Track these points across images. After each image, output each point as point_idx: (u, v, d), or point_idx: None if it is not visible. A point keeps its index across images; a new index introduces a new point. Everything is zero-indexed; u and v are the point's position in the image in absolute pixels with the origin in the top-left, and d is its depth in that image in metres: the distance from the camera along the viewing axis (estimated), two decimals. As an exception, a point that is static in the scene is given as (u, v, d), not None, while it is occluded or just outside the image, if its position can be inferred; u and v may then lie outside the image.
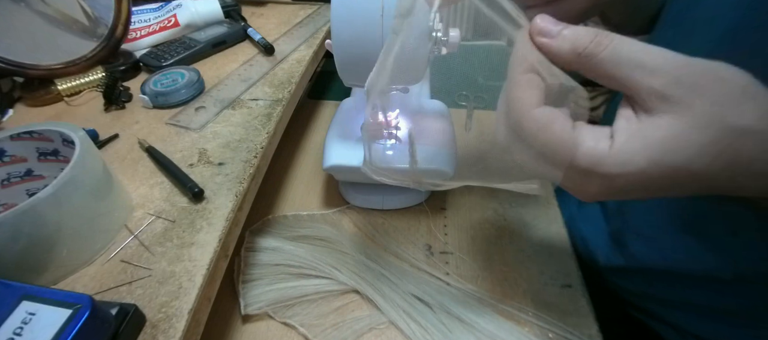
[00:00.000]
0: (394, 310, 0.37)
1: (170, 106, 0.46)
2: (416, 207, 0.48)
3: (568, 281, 0.39)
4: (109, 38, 0.52)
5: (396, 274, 0.39)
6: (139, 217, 0.34)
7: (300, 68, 0.52)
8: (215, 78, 0.51)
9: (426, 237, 0.44)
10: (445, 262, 0.42)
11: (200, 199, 0.34)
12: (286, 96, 0.47)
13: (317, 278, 0.40)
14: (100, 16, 0.51)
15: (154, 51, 0.55)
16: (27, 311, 0.23)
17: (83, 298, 0.23)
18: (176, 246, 0.31)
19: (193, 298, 0.28)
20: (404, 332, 0.35)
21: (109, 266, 0.30)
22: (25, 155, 0.34)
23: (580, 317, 0.37)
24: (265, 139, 0.41)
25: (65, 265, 0.29)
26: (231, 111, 0.45)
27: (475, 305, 0.37)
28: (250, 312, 0.37)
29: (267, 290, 0.38)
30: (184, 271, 0.29)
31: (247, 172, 0.37)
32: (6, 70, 0.46)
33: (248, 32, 0.59)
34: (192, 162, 0.38)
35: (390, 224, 0.46)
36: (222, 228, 0.32)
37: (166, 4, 0.61)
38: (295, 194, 0.50)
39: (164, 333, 0.26)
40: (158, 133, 0.43)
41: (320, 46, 0.58)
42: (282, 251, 0.42)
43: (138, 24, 0.59)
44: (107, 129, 0.43)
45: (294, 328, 0.36)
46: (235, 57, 0.56)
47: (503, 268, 0.41)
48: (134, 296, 0.28)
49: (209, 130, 0.43)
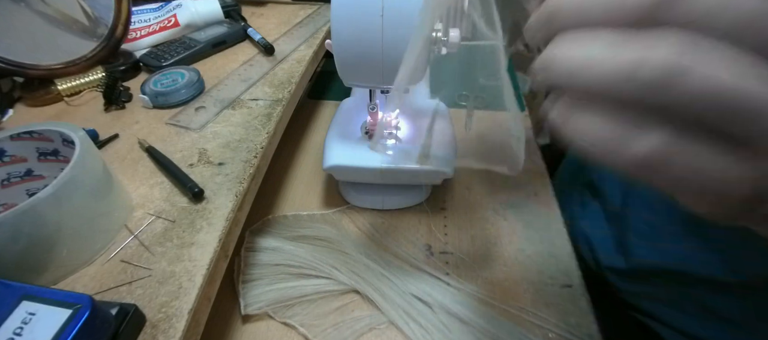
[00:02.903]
0: (394, 310, 0.37)
1: (170, 106, 0.46)
2: (416, 207, 0.48)
3: (568, 281, 0.39)
4: (109, 38, 0.52)
5: (396, 274, 0.39)
6: (139, 217, 0.34)
7: (300, 68, 0.52)
8: (215, 78, 0.51)
9: (426, 237, 0.44)
10: (445, 262, 0.42)
11: (200, 199, 0.34)
12: (286, 96, 0.47)
13: (317, 278, 0.40)
14: (100, 16, 0.51)
15: (154, 51, 0.55)
16: (27, 311, 0.23)
17: (83, 298, 0.23)
18: (176, 246, 0.31)
19: (193, 298, 0.28)
20: (404, 332, 0.35)
21: (109, 266, 0.30)
22: (25, 155, 0.34)
23: (580, 317, 0.37)
24: (265, 139, 0.41)
25: (65, 265, 0.29)
26: (231, 111, 0.45)
27: (475, 305, 0.37)
28: (250, 312, 0.37)
29: (267, 290, 0.38)
30: (184, 271, 0.29)
31: (247, 172, 0.37)
32: (6, 70, 0.46)
33: (248, 32, 0.59)
34: (192, 162, 0.38)
35: (390, 224, 0.46)
36: (222, 228, 0.32)
37: (166, 4, 0.61)
38: (295, 194, 0.50)
39: (164, 333, 0.26)
40: (158, 133, 0.43)
41: (320, 46, 0.58)
42: (282, 251, 0.42)
43: (138, 24, 0.59)
44: (107, 129, 0.43)
45: (294, 328, 0.36)
46: (235, 57, 0.56)
47: (503, 268, 0.41)
48: (134, 296, 0.28)
49: (209, 130, 0.43)
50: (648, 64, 0.11)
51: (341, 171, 0.44)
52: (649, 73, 0.11)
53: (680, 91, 0.11)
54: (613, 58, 0.12)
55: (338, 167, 0.42)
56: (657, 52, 0.11)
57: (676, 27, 0.12)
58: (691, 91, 0.11)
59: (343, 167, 0.42)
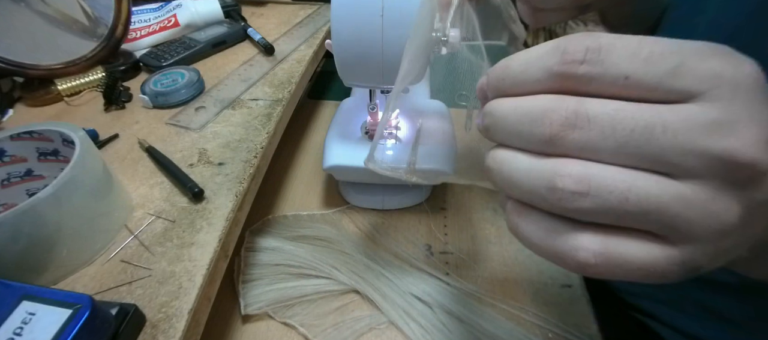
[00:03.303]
0: (394, 310, 0.37)
1: (170, 106, 0.46)
2: (416, 207, 0.48)
3: (568, 281, 0.39)
4: (109, 38, 0.52)
5: (396, 274, 0.39)
6: (139, 217, 0.34)
7: (300, 68, 0.52)
8: (215, 78, 0.51)
9: (426, 237, 0.44)
10: (445, 262, 0.42)
11: (200, 199, 0.34)
12: (286, 96, 0.47)
13: (317, 278, 0.40)
14: (100, 16, 0.51)
15: (154, 51, 0.55)
16: (27, 311, 0.23)
17: (83, 298, 0.23)
18: (176, 246, 0.31)
19: (193, 298, 0.28)
20: (404, 332, 0.35)
21: (109, 266, 0.30)
22: (25, 155, 0.34)
23: (580, 317, 0.37)
24: (265, 139, 0.41)
25: (65, 265, 0.29)
26: (231, 111, 0.45)
27: (475, 305, 0.37)
28: (250, 312, 0.37)
29: (267, 290, 0.38)
30: (184, 271, 0.29)
31: (247, 172, 0.37)
32: (6, 70, 0.46)
33: (248, 32, 0.59)
34: (192, 162, 0.38)
35: (390, 224, 0.46)
36: (222, 228, 0.32)
37: (166, 4, 0.61)
38: (295, 194, 0.50)
39: (164, 333, 0.26)
40: (158, 133, 0.43)
41: (320, 46, 0.58)
42: (282, 251, 0.42)
43: (138, 24, 0.59)
44: (107, 129, 0.43)
45: (294, 328, 0.36)
46: (235, 57, 0.56)
47: (503, 268, 0.41)
48: (134, 296, 0.28)
49: (209, 130, 0.43)
50: (560, 182, 0.14)
51: (341, 171, 0.44)
52: (560, 188, 0.14)
53: (590, 203, 0.14)
54: (531, 173, 0.15)
55: (338, 167, 0.42)
56: (566, 170, 0.14)
57: (576, 151, 0.14)
58: (595, 203, 0.14)
59: (343, 167, 0.42)
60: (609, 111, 0.14)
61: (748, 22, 0.27)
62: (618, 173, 0.14)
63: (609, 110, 0.14)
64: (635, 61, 0.14)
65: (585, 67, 0.14)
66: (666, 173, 0.14)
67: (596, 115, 0.14)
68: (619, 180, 0.14)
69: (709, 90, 0.13)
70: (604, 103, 0.14)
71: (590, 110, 0.14)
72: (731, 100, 0.13)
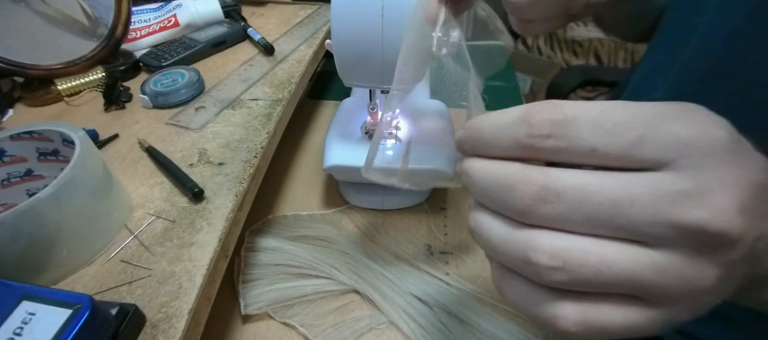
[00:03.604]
0: (394, 310, 0.37)
1: (170, 106, 0.46)
2: (416, 207, 0.48)
3: (568, 281, 0.39)
4: (109, 38, 0.52)
5: (396, 274, 0.39)
6: (139, 217, 0.33)
7: (300, 68, 0.52)
8: (215, 78, 0.51)
9: (426, 237, 0.44)
10: (445, 262, 0.42)
11: (200, 199, 0.34)
12: (286, 96, 0.47)
13: (317, 278, 0.40)
14: (100, 16, 0.51)
15: (154, 51, 0.55)
16: (27, 311, 0.23)
17: (83, 298, 0.23)
18: (176, 246, 0.31)
19: (193, 298, 0.28)
20: (404, 332, 0.35)
21: (109, 266, 0.30)
22: (25, 155, 0.34)
23: (580, 317, 0.36)
24: (265, 139, 0.41)
25: (65, 265, 0.29)
26: (231, 111, 0.45)
27: (475, 305, 0.37)
28: (250, 312, 0.37)
29: (267, 290, 0.38)
30: (184, 271, 0.29)
31: (247, 172, 0.37)
32: (6, 70, 0.46)
33: (248, 32, 0.59)
34: (192, 162, 0.38)
35: (390, 224, 0.46)
36: (222, 228, 0.32)
37: (166, 4, 0.61)
38: (295, 194, 0.50)
39: (164, 333, 0.26)
40: (158, 133, 0.43)
41: (320, 46, 0.58)
42: (282, 251, 0.42)
43: (138, 24, 0.59)
44: (107, 129, 0.43)
45: (294, 328, 0.36)
46: (235, 57, 0.56)
47: (503, 268, 0.41)
48: (134, 296, 0.28)
49: (209, 130, 0.43)
50: (534, 256, 0.14)
51: (341, 171, 0.44)
52: (535, 263, 0.14)
53: (565, 277, 0.14)
54: (507, 244, 0.15)
55: (338, 167, 0.42)
56: (539, 244, 0.14)
57: (548, 222, 0.14)
58: (570, 276, 0.14)
59: (343, 167, 0.42)
60: (576, 185, 0.14)
61: (747, 22, 0.27)
62: (590, 244, 0.14)
63: (576, 184, 0.14)
64: (600, 133, 0.14)
65: (551, 141, 0.14)
66: (640, 241, 0.14)
67: (564, 189, 0.14)
68: (591, 253, 0.14)
69: (676, 159, 0.13)
70: (572, 176, 0.14)
71: (558, 185, 0.14)
72: (699, 167, 0.13)
